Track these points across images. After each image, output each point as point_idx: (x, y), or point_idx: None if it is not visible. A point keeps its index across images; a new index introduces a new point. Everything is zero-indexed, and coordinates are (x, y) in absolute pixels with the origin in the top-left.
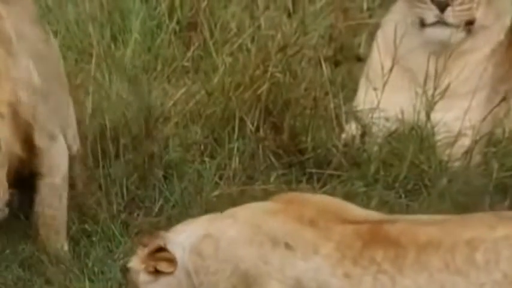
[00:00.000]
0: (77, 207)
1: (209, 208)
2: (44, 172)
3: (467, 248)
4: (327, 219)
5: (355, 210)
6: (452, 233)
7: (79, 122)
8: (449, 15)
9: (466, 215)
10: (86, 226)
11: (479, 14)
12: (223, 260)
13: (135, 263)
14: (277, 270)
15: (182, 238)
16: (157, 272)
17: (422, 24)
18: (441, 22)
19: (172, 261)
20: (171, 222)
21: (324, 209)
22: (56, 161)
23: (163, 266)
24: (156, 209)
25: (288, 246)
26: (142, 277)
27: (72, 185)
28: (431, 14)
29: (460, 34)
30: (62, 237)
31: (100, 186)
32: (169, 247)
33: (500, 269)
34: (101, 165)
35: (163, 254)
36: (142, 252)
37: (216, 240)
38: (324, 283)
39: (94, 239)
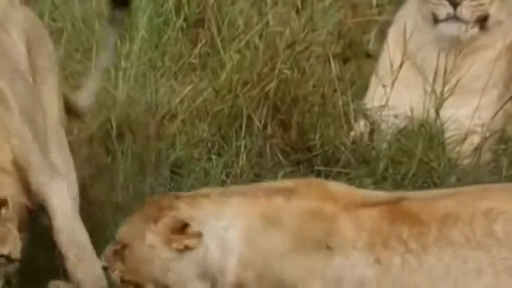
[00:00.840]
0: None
1: None
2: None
3: (485, 219)
4: (355, 205)
5: (366, 192)
6: (470, 205)
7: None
8: (463, 11)
9: (483, 186)
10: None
11: (492, 10)
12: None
13: (150, 238)
14: (320, 275)
15: (217, 225)
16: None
17: (435, 20)
18: (454, 18)
19: (199, 236)
20: None
21: (348, 195)
22: (55, 202)
23: (192, 242)
24: None
25: (329, 247)
26: (166, 254)
27: None
28: (444, 9)
29: (473, 30)
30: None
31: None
32: (195, 225)
33: None
34: (106, 164)
35: (189, 230)
36: (159, 227)
37: (263, 252)
38: (361, 277)
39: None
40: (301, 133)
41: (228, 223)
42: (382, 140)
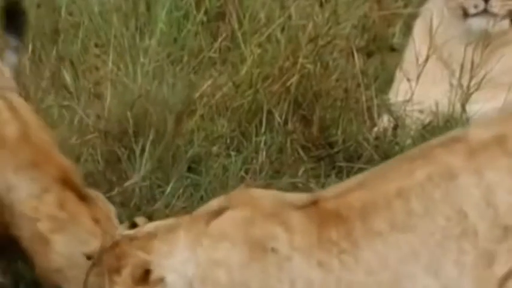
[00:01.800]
0: None
1: None
2: None
3: (400, 200)
4: (283, 209)
5: (291, 196)
6: (378, 190)
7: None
8: (494, 4)
9: (379, 167)
10: None
11: None
12: (239, 285)
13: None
14: (278, 279)
15: (174, 263)
16: None
17: (465, 13)
18: (485, 12)
19: (162, 280)
20: None
21: (275, 201)
22: None
23: None
24: (181, 204)
25: (273, 250)
26: None
27: None
28: (474, 3)
29: (503, 24)
30: None
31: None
32: (155, 270)
33: (440, 212)
34: (123, 160)
35: (152, 276)
36: (123, 277)
37: (227, 268)
38: (308, 279)
39: None
40: (322, 129)
41: (183, 257)
42: (406, 136)
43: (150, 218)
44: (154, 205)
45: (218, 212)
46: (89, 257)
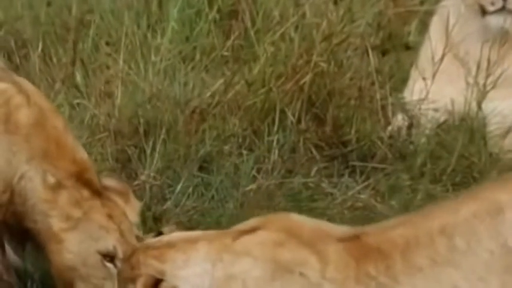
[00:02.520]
0: None
1: (245, 202)
2: None
3: (444, 237)
4: (321, 240)
5: (332, 227)
6: (423, 227)
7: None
8: None
9: (427, 207)
10: None
11: None
12: None
13: None
14: None
15: (188, 274)
16: None
17: (483, 11)
18: (503, 9)
19: None
20: (205, 218)
21: (314, 230)
22: None
23: None
24: (191, 204)
25: (302, 274)
26: None
27: None
28: (492, 0)
29: None
30: None
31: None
32: (168, 280)
33: (484, 248)
34: (133, 159)
35: (163, 286)
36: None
37: (243, 281)
38: None
39: None
40: (336, 127)
41: (200, 269)
42: (421, 135)
43: (160, 219)
44: (165, 204)
45: (249, 231)
46: (101, 254)
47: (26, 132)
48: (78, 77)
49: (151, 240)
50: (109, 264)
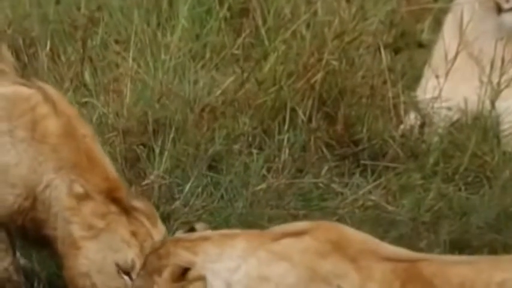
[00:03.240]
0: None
1: (255, 202)
2: None
3: None
4: (367, 257)
5: (385, 247)
6: (485, 273)
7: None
8: None
9: (499, 256)
10: None
11: None
12: None
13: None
14: None
15: (220, 268)
16: None
17: (499, 9)
18: None
19: (202, 279)
20: (214, 217)
21: (362, 246)
22: None
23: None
24: (200, 203)
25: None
26: None
27: None
28: None
29: None
30: None
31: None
32: (197, 270)
33: None
34: (142, 158)
35: (190, 274)
36: (164, 277)
37: (276, 285)
38: None
39: None
40: (347, 126)
41: (234, 264)
42: (434, 133)
43: (169, 218)
44: (173, 204)
45: (294, 234)
46: (119, 267)
47: (55, 142)
48: (87, 76)
49: (181, 234)
50: (125, 277)
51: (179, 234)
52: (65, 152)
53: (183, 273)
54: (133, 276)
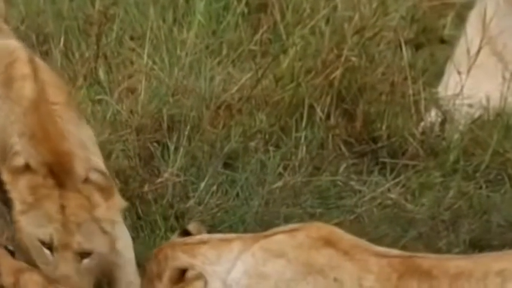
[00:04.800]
0: (129, 200)
1: (271, 200)
2: None
3: (499, 278)
4: (360, 251)
5: (376, 246)
6: (483, 264)
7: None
8: None
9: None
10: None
11: None
12: None
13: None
14: None
15: (220, 270)
16: None
17: None
18: None
19: (201, 277)
20: (229, 216)
21: (354, 242)
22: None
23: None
24: (215, 202)
25: (336, 280)
26: None
27: None
28: None
29: None
30: None
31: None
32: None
33: None
34: (156, 156)
35: (189, 274)
36: (164, 282)
37: (275, 282)
38: None
39: (144, 232)
40: (366, 123)
41: (230, 265)
42: (454, 131)
43: (183, 217)
44: (188, 202)
45: (283, 231)
46: (42, 242)
47: (26, 106)
48: (101, 73)
49: (178, 239)
50: (46, 251)
51: (174, 238)
52: (30, 119)
53: (182, 274)
54: (55, 252)
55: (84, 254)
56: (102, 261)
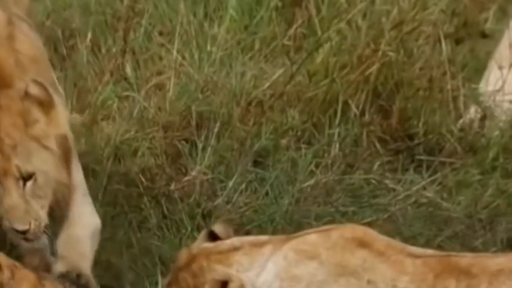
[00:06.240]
0: (155, 199)
1: (301, 199)
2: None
3: None
4: (395, 252)
5: (409, 247)
6: None
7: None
8: None
9: None
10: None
11: None
12: None
13: None
14: None
15: (254, 275)
16: None
17: None
18: None
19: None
20: (258, 215)
21: (388, 242)
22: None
23: None
24: (243, 200)
25: (369, 282)
26: None
27: None
28: None
29: None
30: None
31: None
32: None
33: None
34: (184, 154)
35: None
36: None
37: (307, 284)
38: None
39: (170, 232)
40: (402, 120)
41: (260, 269)
42: (494, 127)
43: (210, 216)
44: (215, 201)
45: (316, 232)
46: None
47: None
48: (128, 69)
49: (209, 244)
50: None
51: (201, 240)
52: None
53: (221, 286)
54: None
55: (26, 177)
56: (50, 180)
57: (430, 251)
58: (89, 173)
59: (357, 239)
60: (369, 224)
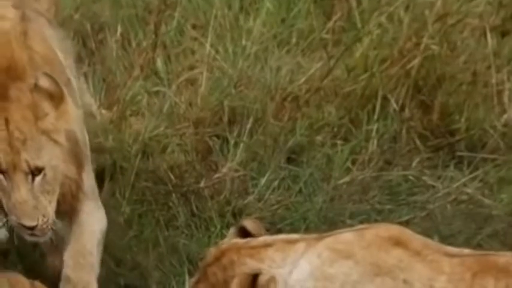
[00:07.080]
0: (184, 196)
1: (336, 196)
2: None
3: None
4: (432, 251)
5: (446, 247)
6: None
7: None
8: None
9: None
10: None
11: None
12: None
13: None
14: None
15: (286, 272)
16: None
17: None
18: None
19: (273, 281)
20: (290, 213)
21: (425, 241)
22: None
23: None
24: (276, 198)
25: (406, 282)
26: None
27: None
28: None
29: None
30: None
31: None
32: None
33: None
34: (215, 150)
35: (261, 280)
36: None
37: (341, 284)
38: None
39: (199, 230)
40: (444, 115)
41: (292, 267)
42: None
43: (240, 214)
44: (246, 198)
45: (351, 231)
46: None
47: None
48: (159, 63)
49: (239, 240)
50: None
51: (230, 234)
52: None
53: (251, 279)
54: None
55: (35, 172)
56: (58, 175)
57: (466, 251)
58: (117, 170)
59: (392, 238)
60: (406, 223)
